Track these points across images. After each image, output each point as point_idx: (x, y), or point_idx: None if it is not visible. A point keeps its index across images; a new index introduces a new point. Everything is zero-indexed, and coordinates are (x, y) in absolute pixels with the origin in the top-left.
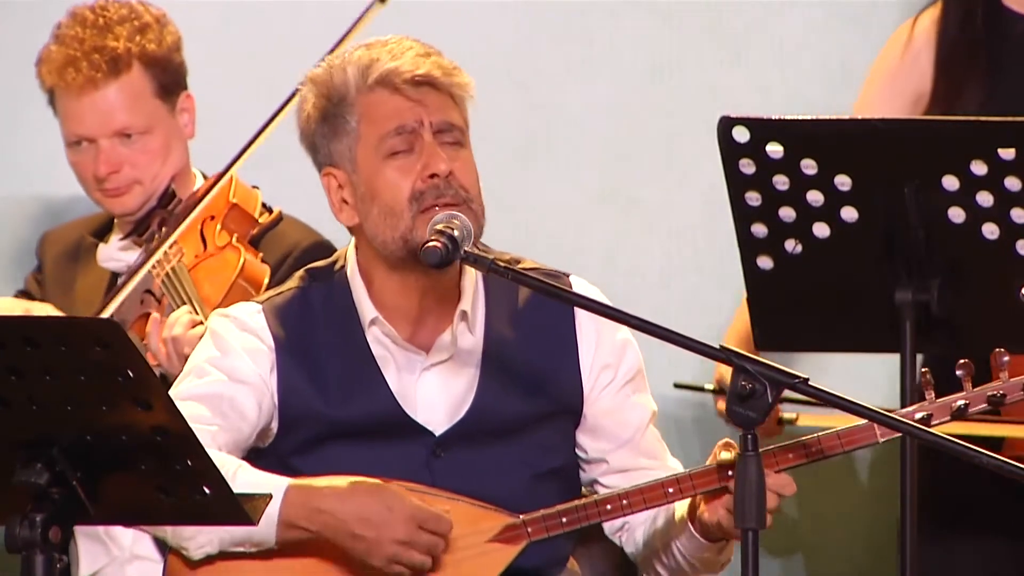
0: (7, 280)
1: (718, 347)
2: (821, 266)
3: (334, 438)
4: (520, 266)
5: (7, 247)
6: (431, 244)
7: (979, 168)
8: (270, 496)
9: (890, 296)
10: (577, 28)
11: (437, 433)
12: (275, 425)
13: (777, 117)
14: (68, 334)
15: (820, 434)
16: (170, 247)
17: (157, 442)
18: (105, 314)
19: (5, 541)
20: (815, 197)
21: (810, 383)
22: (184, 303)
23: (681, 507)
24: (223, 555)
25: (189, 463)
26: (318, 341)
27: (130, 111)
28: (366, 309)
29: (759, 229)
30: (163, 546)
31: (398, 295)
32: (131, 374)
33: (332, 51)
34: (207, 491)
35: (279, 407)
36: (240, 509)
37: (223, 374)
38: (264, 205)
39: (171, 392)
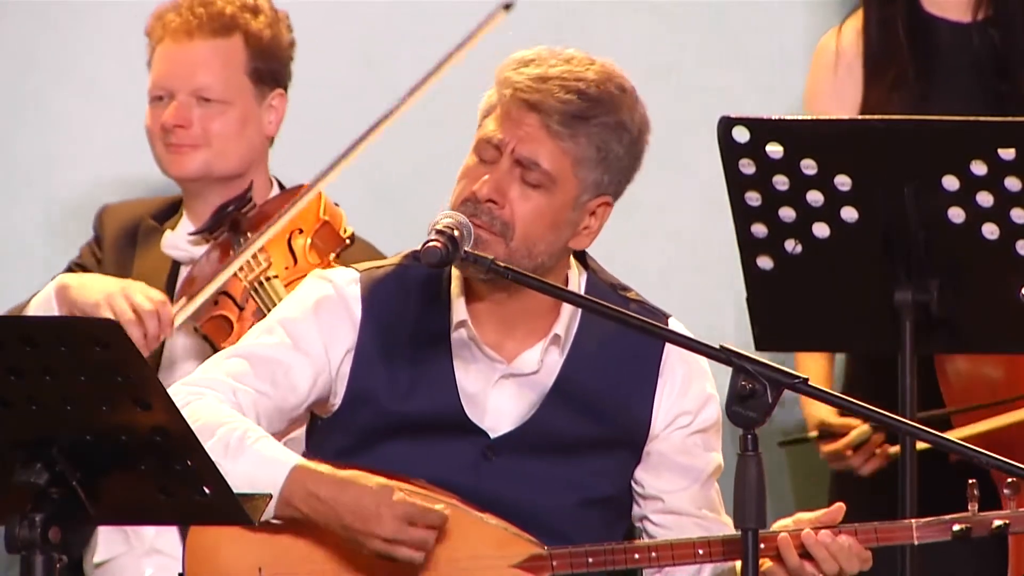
0: (4, 283)
1: (718, 347)
2: (821, 266)
3: (389, 433)
4: (626, 294)
5: (7, 248)
6: (431, 244)
7: (979, 168)
8: (270, 496)
9: (890, 296)
10: (577, 28)
11: (492, 436)
12: (337, 401)
13: (777, 117)
14: (68, 334)
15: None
16: (255, 255)
17: (157, 442)
18: (184, 314)
19: (5, 541)
20: (815, 197)
21: (810, 383)
22: None
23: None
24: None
25: (189, 463)
26: (403, 322)
27: (216, 75)
28: (458, 309)
29: (759, 229)
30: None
31: (488, 301)
32: (131, 374)
33: (442, 63)
34: (207, 491)
35: (349, 378)
36: (240, 510)
37: (289, 339)
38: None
39: (234, 343)
